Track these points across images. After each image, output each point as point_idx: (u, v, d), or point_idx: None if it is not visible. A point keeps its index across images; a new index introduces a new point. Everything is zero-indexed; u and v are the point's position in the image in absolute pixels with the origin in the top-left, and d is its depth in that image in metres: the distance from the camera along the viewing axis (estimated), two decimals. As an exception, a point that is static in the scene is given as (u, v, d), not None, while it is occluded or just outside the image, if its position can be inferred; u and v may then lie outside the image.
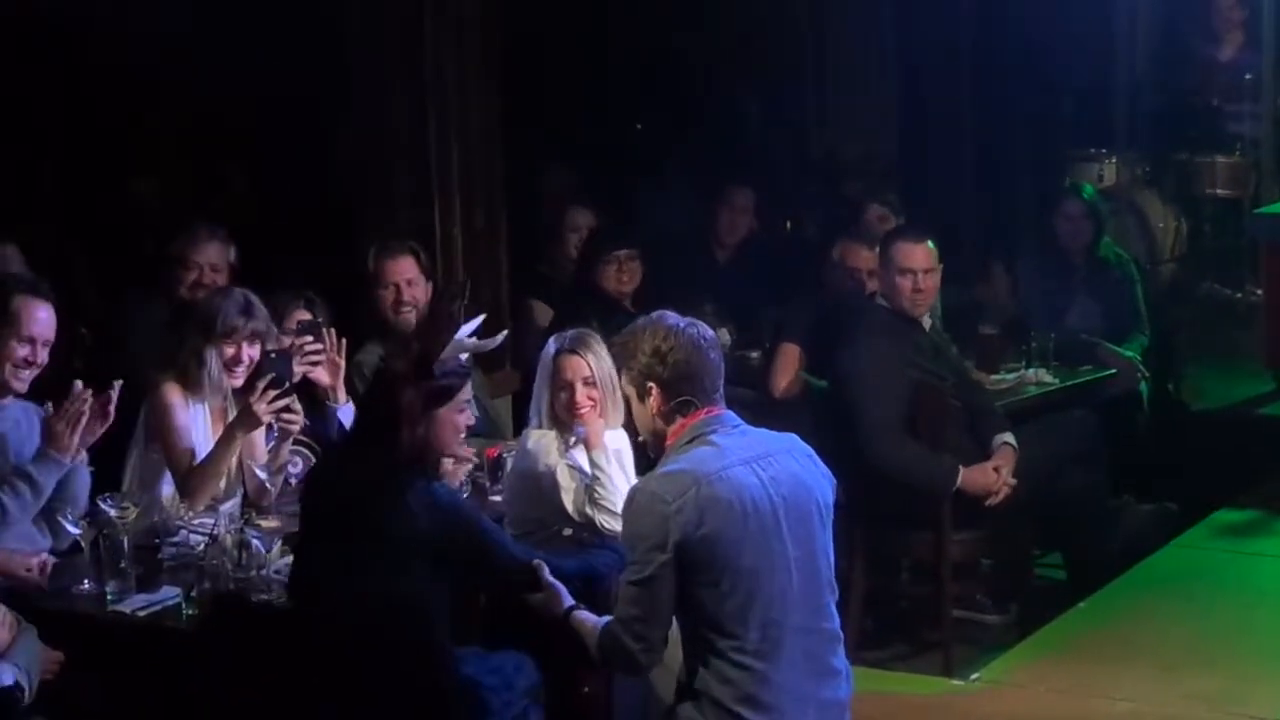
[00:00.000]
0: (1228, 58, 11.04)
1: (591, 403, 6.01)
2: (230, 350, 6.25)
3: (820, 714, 4.73)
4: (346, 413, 6.58)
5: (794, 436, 4.94)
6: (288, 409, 6.21)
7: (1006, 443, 7.27)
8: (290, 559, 5.46)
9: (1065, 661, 6.46)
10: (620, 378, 4.99)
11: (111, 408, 5.72)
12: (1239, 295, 10.42)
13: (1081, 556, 7.72)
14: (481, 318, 5.52)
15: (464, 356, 5.33)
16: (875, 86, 11.26)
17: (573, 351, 5.98)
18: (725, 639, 4.63)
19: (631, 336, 4.84)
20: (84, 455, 5.76)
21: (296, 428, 6.26)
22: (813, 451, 4.89)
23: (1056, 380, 8.15)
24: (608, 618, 4.83)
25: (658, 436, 4.82)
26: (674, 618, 4.73)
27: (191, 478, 6.10)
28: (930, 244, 7.34)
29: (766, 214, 9.67)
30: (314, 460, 6.39)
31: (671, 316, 4.83)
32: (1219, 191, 10.88)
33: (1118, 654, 6.49)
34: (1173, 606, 6.96)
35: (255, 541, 5.50)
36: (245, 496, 6.17)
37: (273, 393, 6.12)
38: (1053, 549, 7.97)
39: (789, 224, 10.31)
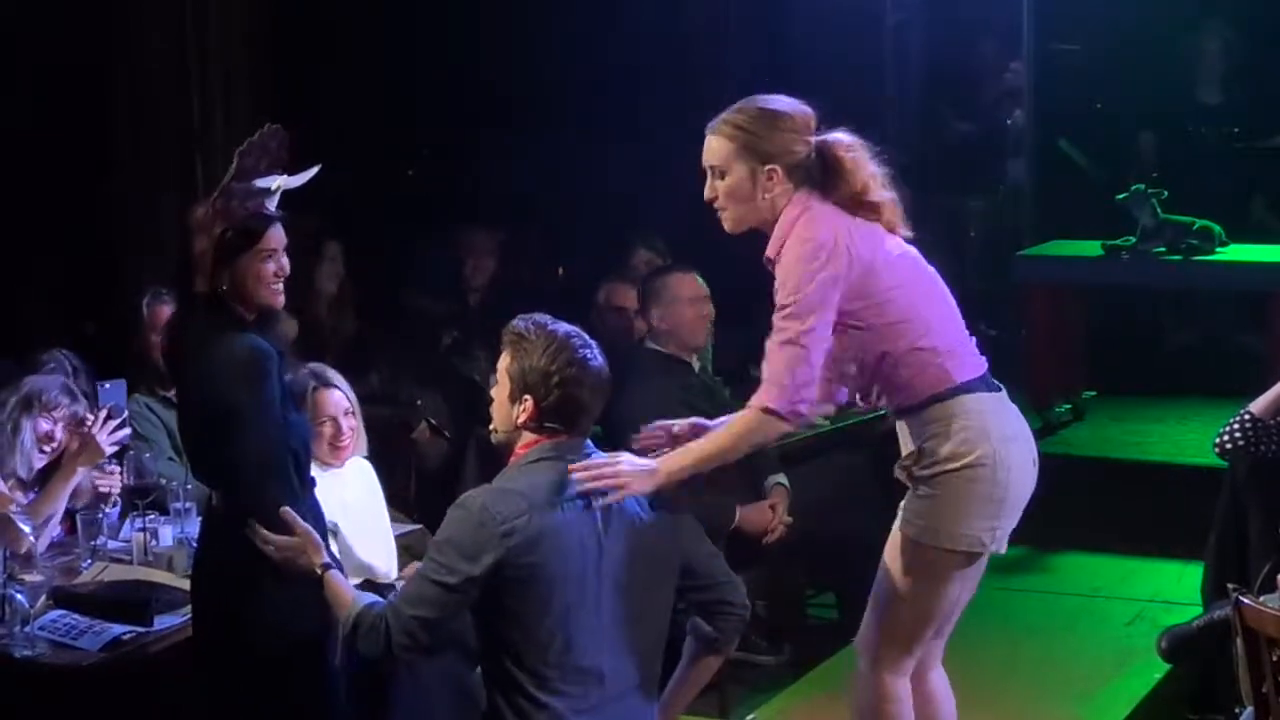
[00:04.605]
0: (990, 103, 11.27)
1: (352, 433, 5.98)
2: (46, 427, 6.15)
3: None
4: None
5: None
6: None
7: (779, 483, 7.32)
8: (54, 613, 5.37)
9: (839, 700, 6.44)
10: (503, 355, 4.64)
11: None
12: (1005, 336, 10.58)
13: (854, 596, 7.75)
14: (315, 169, 5.00)
15: (270, 203, 4.92)
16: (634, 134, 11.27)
17: (328, 385, 5.98)
18: (526, 674, 4.44)
19: (537, 334, 4.57)
20: None
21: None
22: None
23: (828, 422, 8.19)
24: (371, 596, 4.62)
25: (510, 438, 4.61)
26: (479, 646, 4.56)
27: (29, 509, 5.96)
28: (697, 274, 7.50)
29: (538, 259, 9.64)
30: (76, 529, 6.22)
31: (578, 340, 4.58)
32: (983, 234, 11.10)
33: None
34: (943, 643, 7.03)
35: (18, 596, 5.38)
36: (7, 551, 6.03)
37: (113, 422, 6.02)
38: (826, 589, 8.03)
39: (560, 270, 10.29)
